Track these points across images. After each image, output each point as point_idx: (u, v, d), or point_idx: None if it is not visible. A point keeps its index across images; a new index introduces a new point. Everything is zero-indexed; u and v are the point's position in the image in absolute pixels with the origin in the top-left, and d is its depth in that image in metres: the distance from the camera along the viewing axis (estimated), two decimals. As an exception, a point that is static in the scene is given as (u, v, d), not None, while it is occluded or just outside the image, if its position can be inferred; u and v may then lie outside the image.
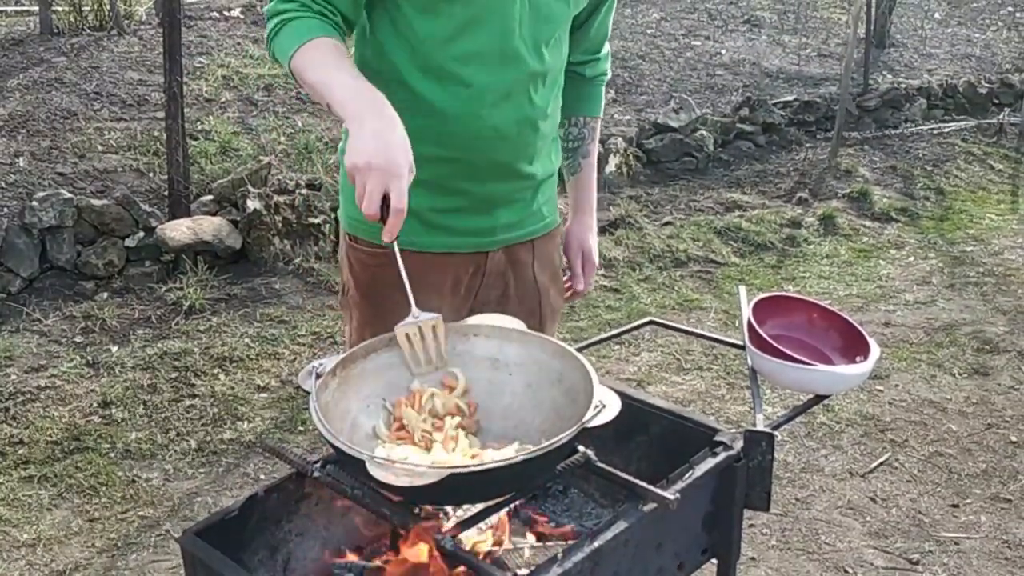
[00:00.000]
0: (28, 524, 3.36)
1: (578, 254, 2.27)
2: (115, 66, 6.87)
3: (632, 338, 4.67)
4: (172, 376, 4.27)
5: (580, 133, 2.23)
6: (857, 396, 4.24)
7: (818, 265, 5.87)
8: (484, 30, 1.84)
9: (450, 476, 1.37)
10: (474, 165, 1.94)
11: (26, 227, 4.92)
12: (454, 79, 1.86)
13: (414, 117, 1.84)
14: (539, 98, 1.95)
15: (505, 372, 1.71)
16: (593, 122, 2.26)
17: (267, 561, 1.65)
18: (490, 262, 2.06)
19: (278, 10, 1.79)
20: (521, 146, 1.97)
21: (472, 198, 1.98)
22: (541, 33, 1.91)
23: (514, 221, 2.06)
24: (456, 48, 1.84)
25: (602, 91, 2.27)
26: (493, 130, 1.91)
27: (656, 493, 1.51)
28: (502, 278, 2.10)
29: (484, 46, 1.85)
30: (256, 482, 3.59)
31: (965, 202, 7.14)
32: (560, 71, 2.03)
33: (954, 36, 10.97)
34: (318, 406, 1.50)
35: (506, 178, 2.00)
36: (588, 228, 2.28)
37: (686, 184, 6.90)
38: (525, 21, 1.87)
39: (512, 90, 1.90)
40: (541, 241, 2.15)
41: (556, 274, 2.23)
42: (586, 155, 2.25)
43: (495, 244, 2.06)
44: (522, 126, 1.95)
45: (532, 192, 2.07)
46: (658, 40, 9.41)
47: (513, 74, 1.89)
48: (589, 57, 2.18)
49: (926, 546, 3.32)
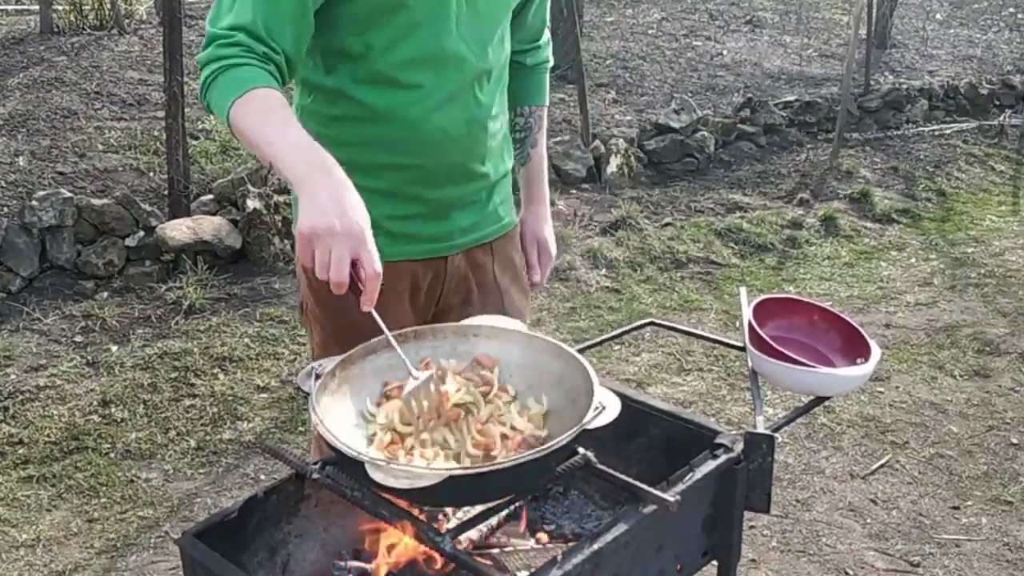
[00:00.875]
0: (27, 524, 3.36)
1: (533, 245, 2.26)
2: (115, 65, 6.87)
3: (632, 339, 4.67)
4: (172, 376, 4.26)
5: (527, 123, 2.22)
6: (858, 398, 4.24)
7: (819, 266, 5.86)
8: (423, 34, 1.82)
9: (449, 478, 1.37)
10: (427, 170, 1.92)
11: (26, 226, 4.92)
12: (398, 85, 1.84)
13: (362, 127, 1.85)
14: (485, 96, 1.94)
15: (506, 373, 1.71)
16: (539, 111, 2.24)
17: (266, 563, 1.65)
18: (450, 267, 2.04)
19: (215, 56, 1.69)
20: (471, 146, 1.96)
21: (428, 204, 1.96)
22: (482, 31, 1.89)
23: (471, 224, 2.05)
24: (397, 55, 1.82)
25: (546, 79, 2.26)
26: (442, 132, 1.89)
27: (656, 495, 1.51)
28: (464, 282, 2.08)
29: (424, 50, 1.83)
30: (256, 483, 3.58)
31: (966, 203, 7.13)
32: (504, 67, 2.02)
33: (956, 37, 10.96)
34: (318, 407, 1.50)
35: (460, 180, 1.98)
36: (542, 218, 2.27)
37: (687, 185, 6.90)
38: (463, 20, 1.85)
39: (457, 91, 1.89)
40: (500, 242, 2.13)
41: (517, 274, 2.21)
42: (534, 144, 2.24)
43: (453, 248, 2.04)
44: (471, 126, 1.93)
45: (487, 193, 2.06)
46: (659, 40, 9.40)
47: (457, 75, 1.87)
48: (529, 46, 2.17)
49: (927, 548, 3.32)
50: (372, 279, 1.49)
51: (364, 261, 1.48)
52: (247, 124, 1.63)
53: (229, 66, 1.66)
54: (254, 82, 1.64)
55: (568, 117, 7.31)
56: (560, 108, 7.48)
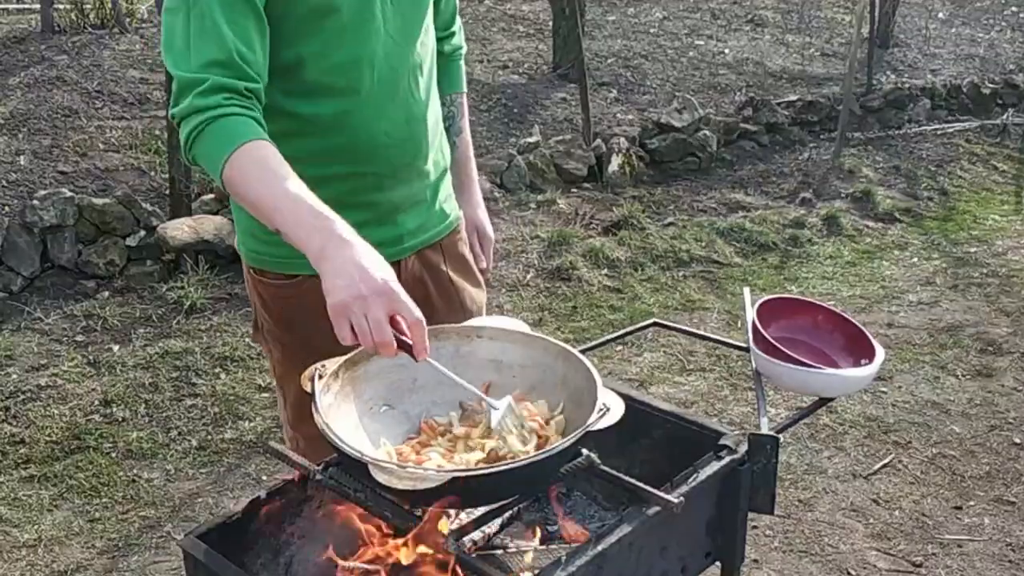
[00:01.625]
0: (29, 524, 3.35)
1: (472, 232, 2.25)
2: (116, 64, 6.86)
3: (635, 338, 4.66)
4: (173, 375, 4.26)
5: (449, 111, 2.20)
6: (860, 398, 4.23)
7: (821, 266, 5.86)
8: (352, 37, 1.80)
9: (453, 480, 1.36)
10: (374, 174, 1.91)
11: (27, 226, 4.91)
12: (333, 93, 1.82)
13: (303, 140, 1.81)
14: (421, 90, 1.94)
15: (509, 374, 1.70)
16: (460, 98, 2.24)
17: (269, 564, 1.65)
18: (404, 271, 2.02)
19: (195, 108, 1.59)
20: (414, 144, 1.95)
21: (377, 209, 1.94)
22: (409, 24, 1.89)
23: (418, 226, 2.03)
24: (328, 62, 1.80)
25: (462, 65, 2.25)
26: (385, 135, 1.88)
27: (660, 496, 1.50)
28: (420, 285, 2.06)
29: (356, 52, 1.81)
30: (258, 482, 3.58)
31: (969, 203, 7.12)
32: (433, 59, 2.01)
33: (958, 36, 10.94)
34: (321, 408, 1.50)
35: (407, 180, 1.97)
36: (476, 204, 2.27)
37: (689, 184, 6.89)
38: (389, 17, 1.84)
39: (395, 89, 1.88)
40: (448, 240, 2.13)
41: (469, 269, 2.20)
42: (459, 132, 2.24)
43: (405, 252, 2.02)
44: (412, 124, 1.93)
45: (431, 192, 2.05)
46: (661, 39, 9.39)
47: (392, 74, 1.87)
48: (443, 33, 2.16)
49: (929, 548, 3.31)
50: (415, 327, 1.46)
51: (402, 313, 1.46)
52: (247, 186, 1.58)
53: (214, 118, 1.59)
54: (244, 136, 1.58)
55: (570, 116, 7.30)
56: (562, 107, 7.47)
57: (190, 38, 1.63)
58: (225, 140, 1.58)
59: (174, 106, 1.65)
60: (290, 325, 1.98)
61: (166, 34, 1.68)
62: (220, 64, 1.62)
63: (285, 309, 1.98)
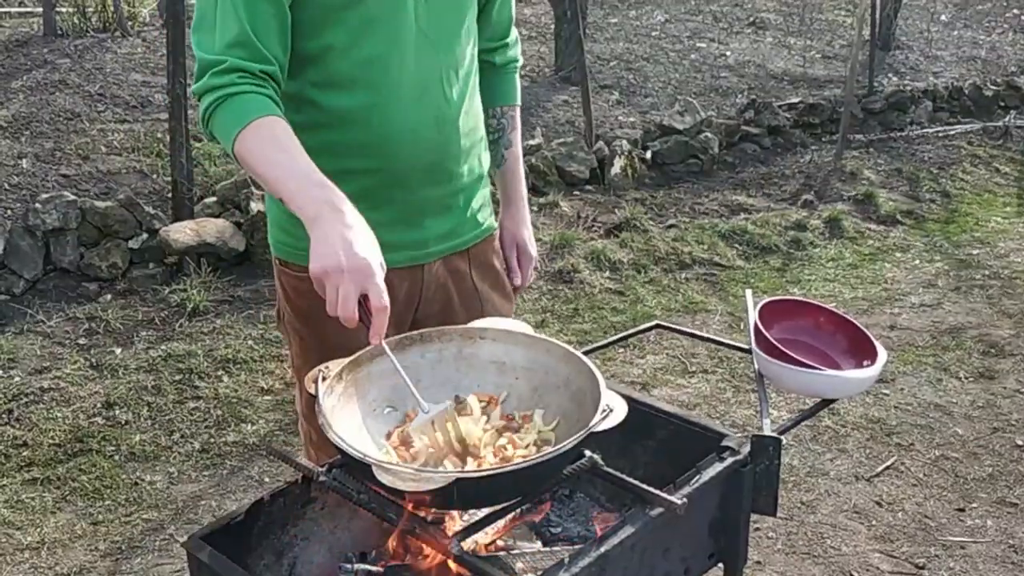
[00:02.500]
0: (32, 527, 3.36)
1: (512, 248, 2.22)
2: (119, 68, 6.88)
3: (637, 341, 4.66)
4: (176, 378, 4.26)
5: (500, 124, 2.18)
6: (863, 400, 4.23)
7: (823, 268, 5.86)
8: (381, 30, 1.80)
9: (456, 481, 1.36)
10: (398, 172, 1.90)
11: (30, 229, 4.92)
12: (361, 85, 1.82)
13: (328, 132, 1.83)
14: (454, 93, 1.92)
15: (512, 376, 1.71)
16: (511, 111, 2.20)
17: (273, 566, 1.65)
18: (427, 275, 2.02)
19: (212, 85, 1.68)
20: (443, 145, 1.93)
21: (402, 208, 1.94)
22: (444, 24, 1.88)
23: (447, 230, 2.02)
24: (356, 54, 1.80)
25: (516, 79, 2.22)
26: (411, 132, 1.87)
27: (663, 498, 1.50)
28: (443, 290, 2.06)
29: (384, 46, 1.81)
30: (260, 485, 3.58)
31: (971, 205, 7.12)
32: (473, 63, 1.99)
33: (960, 38, 10.95)
34: (324, 409, 1.50)
35: (434, 183, 1.95)
36: (521, 221, 2.23)
37: (691, 187, 6.89)
38: (422, 13, 1.84)
39: (425, 88, 1.87)
40: (478, 248, 2.11)
41: (498, 279, 2.18)
42: (509, 145, 2.20)
43: (431, 256, 2.02)
44: (441, 125, 1.91)
45: (463, 198, 2.03)
46: (663, 42, 9.40)
47: (421, 72, 1.86)
48: (496, 44, 2.13)
49: (932, 550, 3.31)
50: (379, 312, 1.50)
51: (371, 295, 1.49)
52: (254, 158, 1.63)
53: (228, 95, 1.66)
54: (256, 112, 1.64)
55: (572, 119, 7.31)
56: (564, 110, 7.47)
57: (216, 22, 1.71)
58: (237, 116, 1.64)
59: (195, 84, 1.72)
60: (307, 318, 2.00)
61: (197, 17, 1.76)
62: (238, 45, 1.68)
63: (304, 301, 1.99)
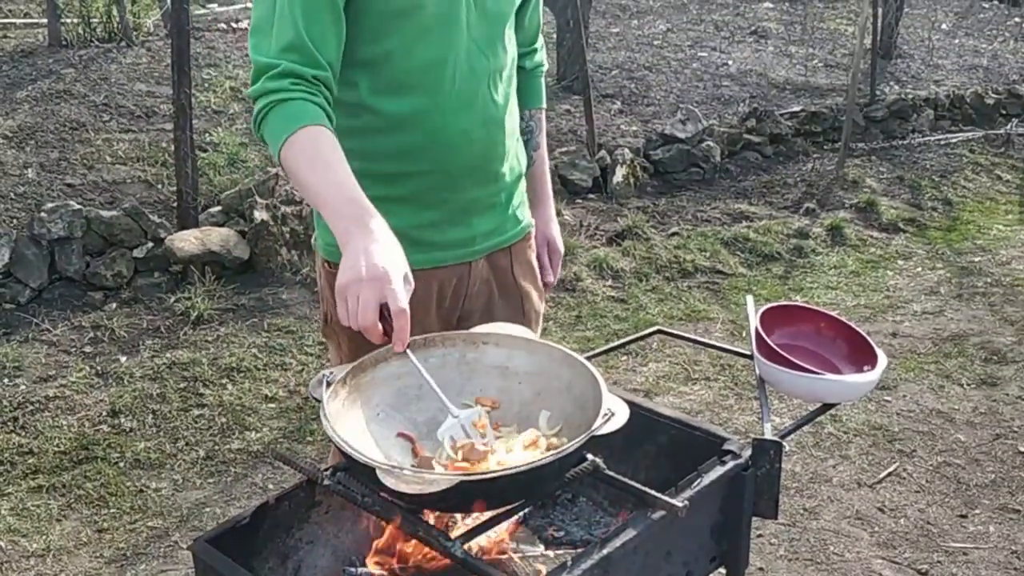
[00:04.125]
0: (37, 534, 3.37)
1: (544, 245, 2.31)
2: (123, 78, 6.90)
3: (640, 348, 4.67)
4: (180, 386, 4.28)
5: (528, 126, 2.25)
6: (865, 406, 4.24)
7: (825, 276, 5.87)
8: (436, 38, 1.85)
9: (460, 484, 1.38)
10: (450, 173, 1.95)
11: (35, 238, 4.94)
12: (416, 91, 1.87)
13: (384, 137, 1.88)
14: (499, 95, 1.98)
15: (515, 380, 1.72)
16: (539, 114, 2.30)
17: (278, 569, 1.66)
18: (474, 272, 2.08)
19: (266, 89, 1.71)
20: (491, 146, 1.99)
21: (451, 209, 1.99)
22: (491, 30, 1.94)
23: (492, 228, 2.08)
24: (412, 61, 1.85)
25: (542, 83, 2.31)
26: (463, 135, 1.92)
27: (665, 501, 1.52)
28: (486, 286, 2.12)
29: (439, 53, 1.86)
30: (265, 492, 3.59)
31: (972, 212, 7.13)
32: (513, 66, 2.06)
33: (961, 47, 10.96)
34: (328, 414, 1.51)
35: (482, 182, 2.01)
36: (549, 219, 2.33)
37: (693, 195, 6.91)
38: (473, 23, 1.90)
39: (475, 92, 1.92)
40: (518, 246, 2.17)
41: (534, 276, 2.25)
42: (536, 147, 2.29)
43: (477, 254, 2.07)
44: (489, 126, 1.97)
45: (505, 196, 2.09)
46: (665, 51, 9.42)
47: (472, 76, 1.91)
48: (526, 49, 2.20)
49: (934, 556, 3.32)
50: (397, 316, 1.50)
51: (389, 300, 1.50)
52: (297, 168, 1.66)
53: (279, 101, 1.68)
54: (304, 119, 1.66)
55: (574, 128, 7.33)
56: (566, 119, 7.49)
57: (273, 26, 1.73)
58: (285, 123, 1.67)
59: (251, 87, 1.75)
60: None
61: (254, 21, 1.79)
62: (292, 50, 1.71)
63: None
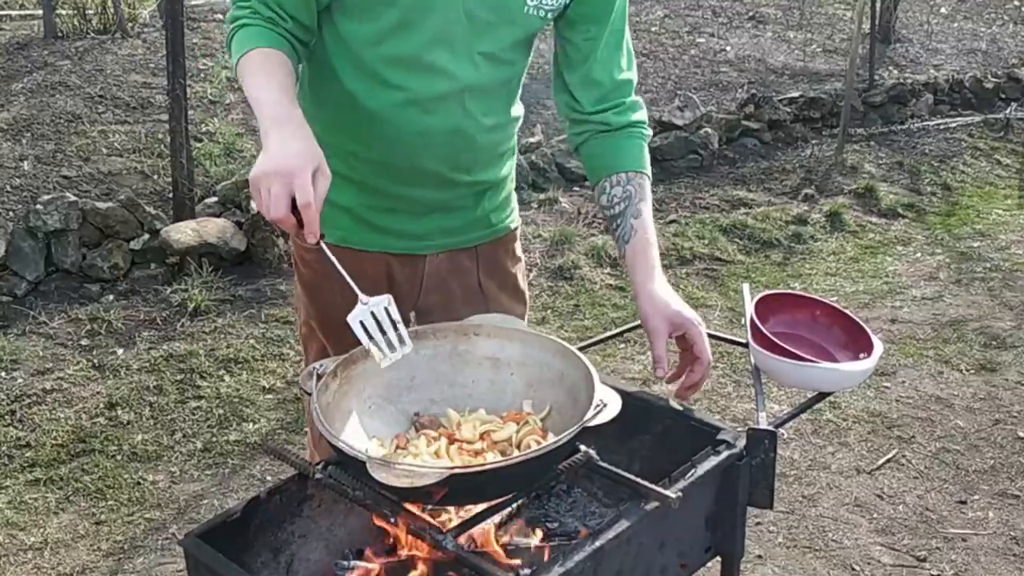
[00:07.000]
0: (35, 527, 3.37)
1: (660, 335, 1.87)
2: (119, 69, 6.88)
3: (637, 336, 4.65)
4: (178, 378, 4.27)
5: (625, 192, 1.97)
6: (864, 393, 4.23)
7: (824, 262, 5.85)
8: (413, 35, 1.80)
9: (451, 477, 1.37)
10: (396, 168, 1.91)
11: (31, 230, 4.93)
12: (382, 82, 1.84)
13: (345, 113, 1.89)
14: (476, 108, 1.89)
15: (507, 372, 1.71)
16: (637, 178, 1.98)
17: (270, 563, 1.65)
18: (428, 266, 2.04)
19: (233, 16, 1.79)
20: (451, 155, 1.91)
21: (400, 201, 1.96)
22: (479, 46, 1.84)
23: (453, 227, 2.03)
24: (384, 50, 1.81)
25: (638, 144, 2.01)
26: (418, 136, 1.87)
27: (658, 492, 1.51)
28: (444, 284, 2.07)
29: (411, 51, 1.81)
30: (263, 484, 3.59)
31: (972, 197, 7.11)
32: (506, 85, 1.95)
33: (960, 31, 10.93)
34: (319, 407, 1.51)
35: (437, 186, 1.95)
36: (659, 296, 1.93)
37: (691, 182, 6.89)
38: (458, 33, 1.81)
39: (442, 100, 1.85)
40: (487, 247, 2.10)
41: (507, 281, 2.16)
42: (637, 215, 1.97)
43: (430, 248, 2.03)
44: (453, 136, 1.89)
45: (474, 199, 2.03)
46: (662, 37, 9.39)
47: (442, 84, 1.83)
48: (607, 105, 1.98)
49: (933, 543, 3.31)
50: (304, 208, 1.50)
51: (297, 194, 1.49)
52: (244, 81, 1.71)
53: (240, 26, 1.75)
54: (256, 42, 1.71)
55: (572, 115, 7.30)
56: (563, 106, 7.46)
57: None
58: (242, 43, 1.73)
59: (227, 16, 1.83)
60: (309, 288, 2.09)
61: None
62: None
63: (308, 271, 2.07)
